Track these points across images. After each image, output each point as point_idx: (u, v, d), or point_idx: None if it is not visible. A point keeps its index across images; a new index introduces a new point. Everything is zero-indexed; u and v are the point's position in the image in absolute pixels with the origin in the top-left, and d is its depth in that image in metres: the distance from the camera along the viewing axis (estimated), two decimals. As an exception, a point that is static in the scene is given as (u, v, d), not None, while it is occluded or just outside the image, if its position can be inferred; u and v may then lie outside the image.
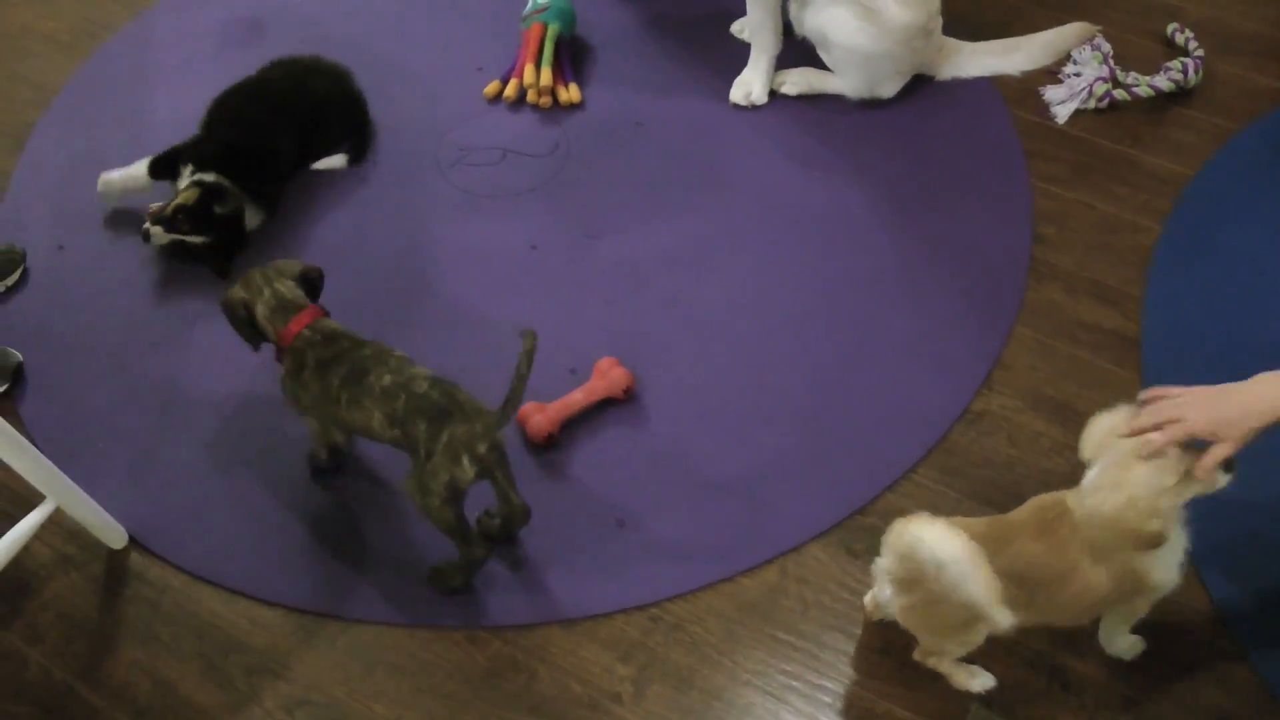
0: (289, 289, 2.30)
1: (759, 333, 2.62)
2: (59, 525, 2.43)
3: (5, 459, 2.13)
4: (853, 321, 2.62)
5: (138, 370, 2.69)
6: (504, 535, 2.32)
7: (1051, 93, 3.05)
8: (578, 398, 2.47)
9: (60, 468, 2.24)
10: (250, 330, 2.30)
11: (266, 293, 2.28)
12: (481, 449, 2.07)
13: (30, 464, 2.17)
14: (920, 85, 3.08)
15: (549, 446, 2.46)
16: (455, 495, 2.10)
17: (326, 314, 2.31)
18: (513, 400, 2.08)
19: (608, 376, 2.49)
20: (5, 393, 2.67)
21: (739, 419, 2.48)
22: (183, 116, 3.12)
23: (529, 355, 2.04)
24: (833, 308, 2.65)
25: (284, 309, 2.27)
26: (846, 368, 2.54)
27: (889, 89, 3.03)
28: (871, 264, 2.72)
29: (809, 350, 2.58)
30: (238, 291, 2.30)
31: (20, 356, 2.71)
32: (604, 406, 2.51)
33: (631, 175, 2.95)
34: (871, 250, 2.74)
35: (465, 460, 2.06)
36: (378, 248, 2.86)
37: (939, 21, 3.00)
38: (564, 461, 2.45)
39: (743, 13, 3.15)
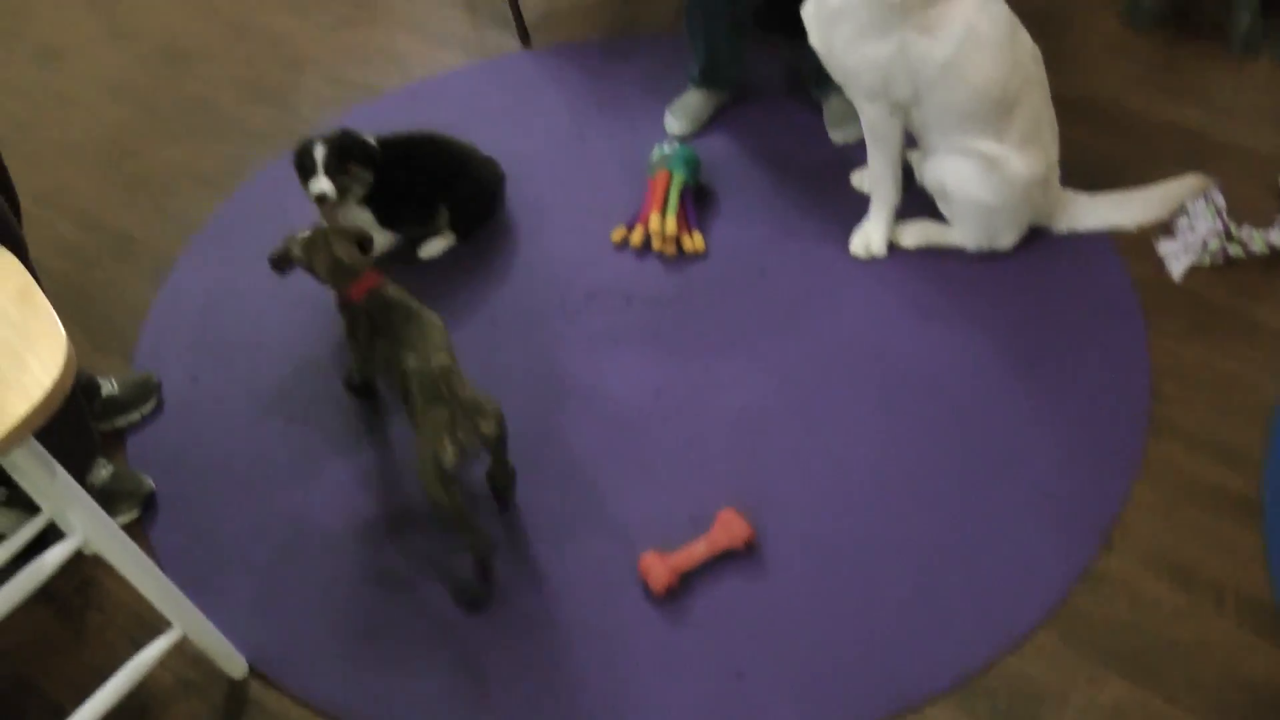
0: (348, 252, 2.54)
1: (877, 486, 2.57)
2: (182, 651, 2.44)
3: (135, 584, 2.14)
4: (970, 476, 2.56)
5: (266, 503, 2.70)
6: (499, 492, 2.58)
7: (1166, 246, 2.98)
8: (699, 549, 2.43)
9: (186, 594, 2.25)
10: (281, 269, 2.63)
11: (324, 254, 2.54)
12: (462, 434, 2.29)
13: (158, 590, 2.18)
14: (1037, 237, 3.04)
15: (670, 594, 2.42)
16: (443, 476, 2.28)
17: (385, 279, 2.58)
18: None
19: (729, 529, 2.45)
20: (137, 520, 2.70)
21: (857, 573, 2.42)
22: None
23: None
24: (950, 461, 2.59)
25: (344, 271, 2.54)
26: (964, 524, 2.48)
27: (1007, 241, 2.99)
28: (990, 418, 2.66)
29: (926, 504, 2.52)
30: (295, 249, 2.59)
31: (153, 484, 2.74)
32: (723, 557, 2.47)
33: (754, 323, 2.93)
34: (989, 404, 2.69)
35: (446, 441, 2.27)
36: (504, 390, 2.85)
37: (1057, 173, 2.98)
38: (683, 611, 2.40)
39: (863, 161, 3.15)
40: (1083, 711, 2.17)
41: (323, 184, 2.95)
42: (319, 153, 2.96)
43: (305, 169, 3.00)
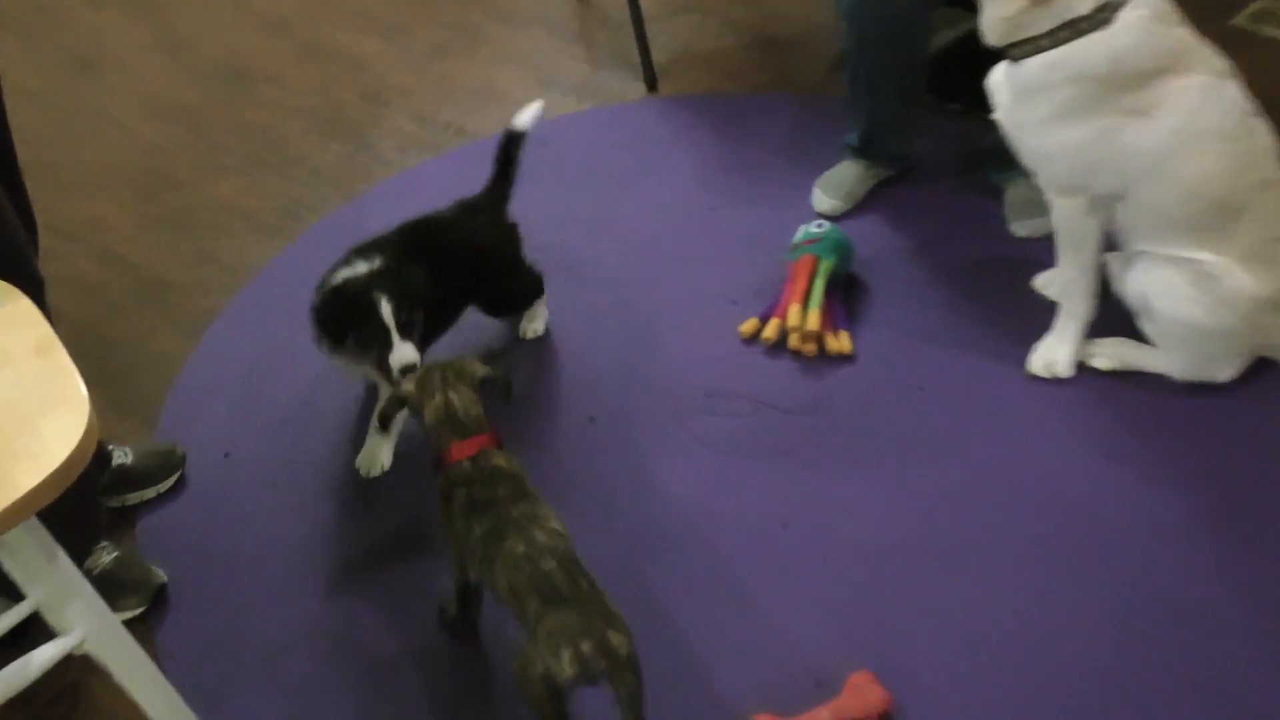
0: (466, 401, 2.47)
1: (1038, 656, 2.55)
2: None
3: (136, 697, 2.19)
4: (1146, 653, 2.54)
5: (302, 610, 2.76)
6: None
7: None
8: (823, 717, 2.42)
9: (198, 714, 2.31)
10: (391, 413, 2.62)
11: (439, 398, 2.47)
12: (586, 648, 2.11)
13: (165, 707, 2.22)
14: (1265, 370, 3.02)
15: None
16: (553, 693, 2.15)
17: (499, 442, 2.48)
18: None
19: (861, 695, 2.44)
20: (141, 617, 2.75)
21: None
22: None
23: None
24: (1129, 641, 2.57)
25: (453, 425, 2.45)
26: (1135, 710, 2.46)
27: (1225, 372, 2.98)
28: (1178, 588, 2.64)
29: (1094, 684, 2.51)
30: (409, 387, 2.51)
31: (164, 577, 2.80)
32: None
33: (904, 447, 2.97)
34: (1181, 572, 2.67)
35: (565, 656, 2.11)
36: (593, 508, 2.89)
37: (1292, 295, 2.96)
38: None
39: (1049, 262, 3.18)
40: None
41: (408, 353, 2.78)
42: (386, 310, 2.78)
43: (358, 326, 2.81)
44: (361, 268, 2.86)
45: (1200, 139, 2.73)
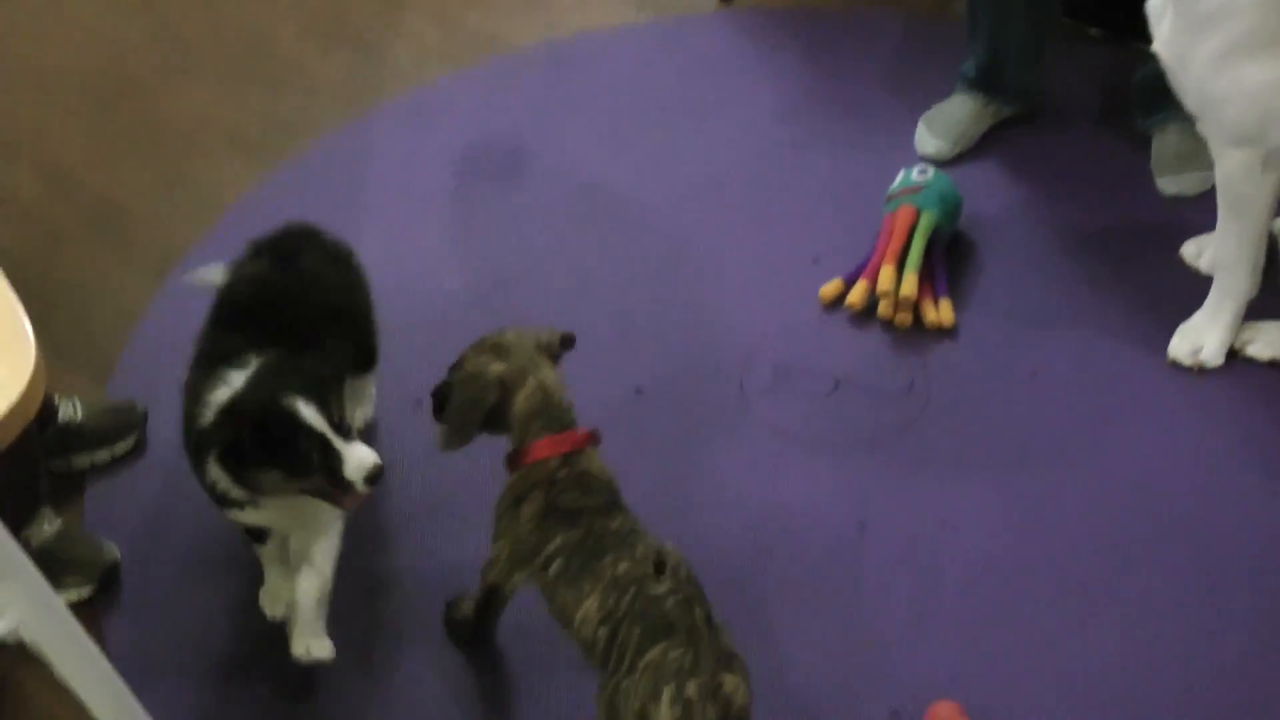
0: (556, 383, 2.41)
1: (1152, 708, 2.53)
2: None
3: (80, 693, 2.16)
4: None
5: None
6: None
7: None
8: None
9: (150, 714, 2.30)
10: (480, 422, 2.39)
11: (533, 381, 2.37)
12: (691, 689, 2.06)
13: (111, 707, 2.21)
14: None
15: None
16: None
17: (597, 440, 2.44)
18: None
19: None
20: (88, 599, 2.75)
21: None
22: (391, 263, 3.28)
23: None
24: (1258, 678, 2.56)
25: (549, 417, 2.38)
26: None
27: None
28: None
29: None
30: (497, 364, 2.37)
31: (117, 553, 2.81)
32: None
33: (1010, 443, 2.96)
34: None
35: (666, 695, 2.07)
36: (639, 487, 2.77)
37: None
38: None
39: (1203, 226, 3.17)
40: None
41: (365, 453, 2.40)
42: (311, 415, 2.37)
43: (281, 451, 2.40)
44: (238, 376, 2.48)
45: None
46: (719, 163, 3.60)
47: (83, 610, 2.68)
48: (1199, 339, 3.06)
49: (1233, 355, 3.06)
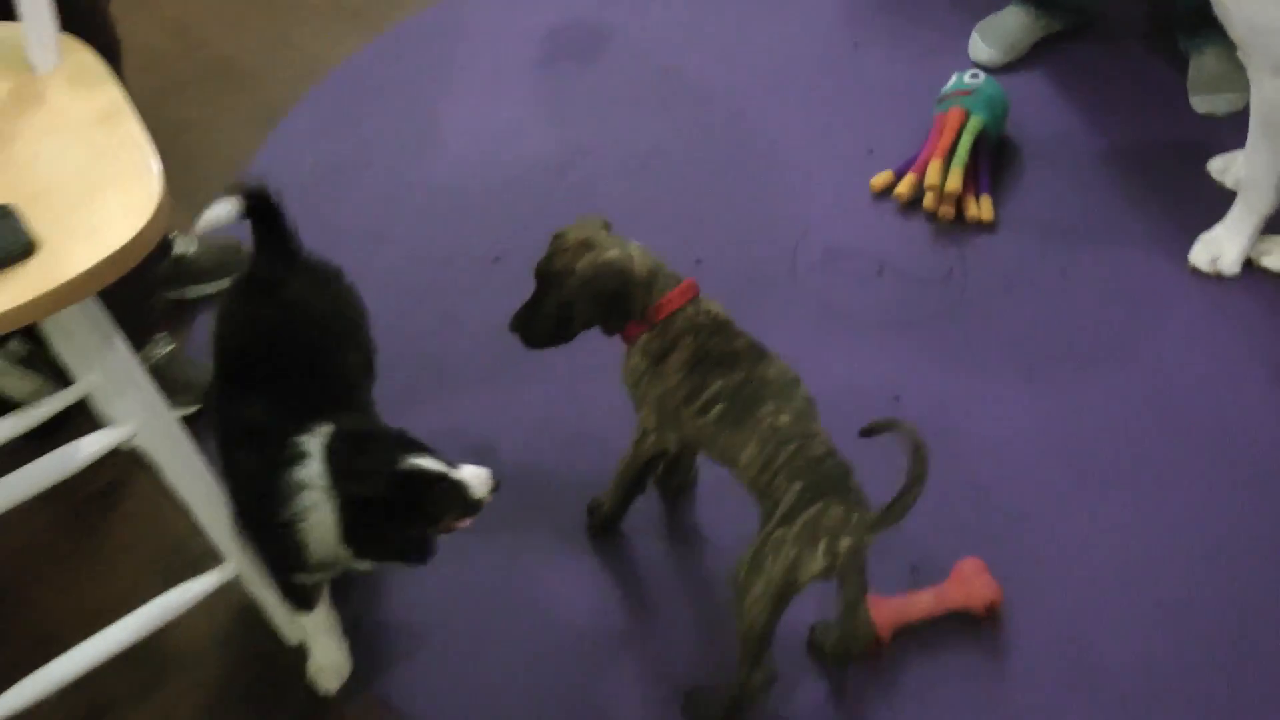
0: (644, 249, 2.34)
1: (1159, 581, 2.57)
2: (227, 597, 2.48)
3: (186, 498, 2.23)
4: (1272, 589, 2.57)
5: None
6: (837, 658, 2.38)
7: None
8: (925, 601, 2.47)
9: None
10: (615, 314, 2.33)
11: (632, 248, 2.32)
12: (844, 544, 2.10)
13: (213, 512, 2.27)
14: None
15: (873, 654, 2.45)
16: (786, 589, 2.14)
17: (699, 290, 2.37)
18: (902, 502, 2.08)
19: (968, 584, 2.48)
20: (193, 416, 2.81)
21: (1118, 689, 2.43)
22: (478, 134, 3.34)
23: (923, 457, 2.07)
24: (1273, 575, 2.59)
25: (663, 274, 2.32)
26: (1271, 664, 2.47)
27: None
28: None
29: (1227, 627, 2.51)
30: (614, 252, 2.30)
31: (219, 377, 2.85)
32: (953, 621, 2.49)
33: (1038, 334, 2.97)
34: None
35: (820, 549, 2.10)
36: None
37: None
38: (888, 681, 2.44)
39: (1231, 144, 3.16)
40: None
41: (477, 469, 2.20)
42: (429, 464, 2.15)
43: (422, 504, 2.17)
44: (312, 445, 2.18)
45: None
46: (786, 55, 3.60)
47: (190, 422, 2.69)
48: (1219, 249, 3.07)
49: (1248, 265, 3.07)
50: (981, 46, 3.58)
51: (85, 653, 2.21)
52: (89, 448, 2.13)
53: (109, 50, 2.37)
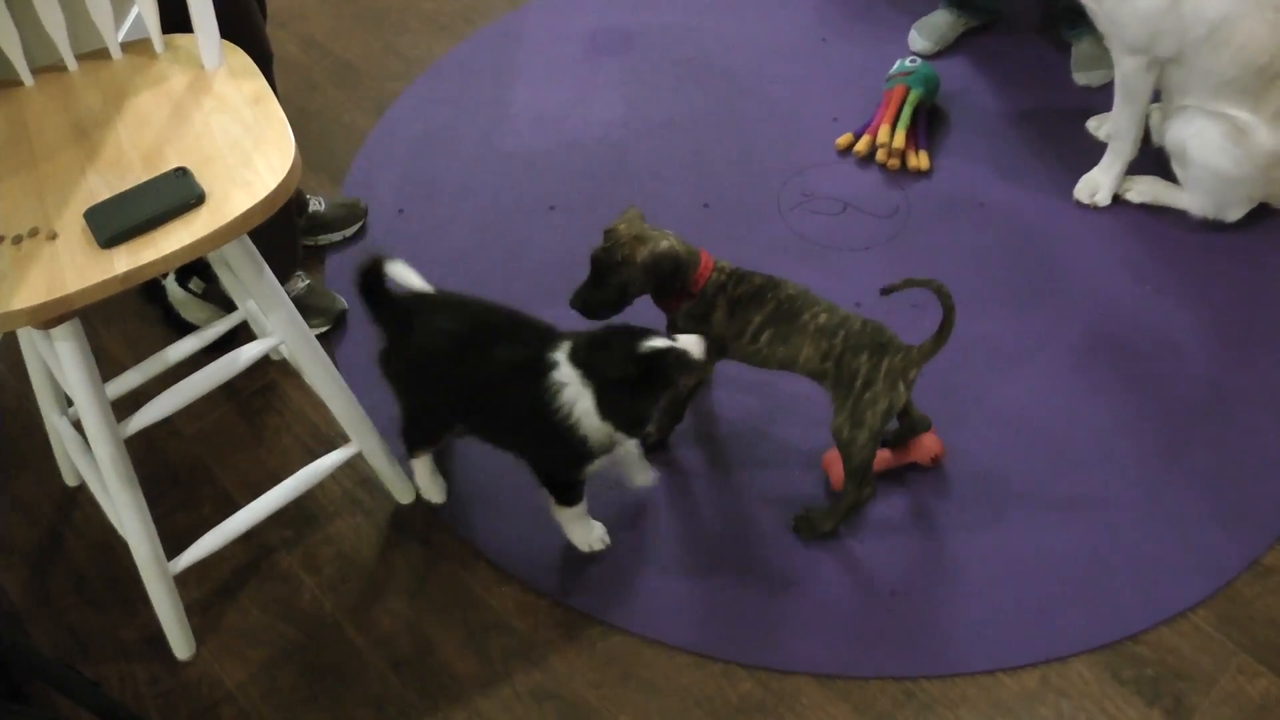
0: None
1: (1064, 438, 2.54)
2: (354, 468, 2.53)
3: (321, 393, 2.21)
4: (1155, 446, 2.53)
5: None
6: (901, 437, 2.45)
7: None
8: (885, 456, 2.45)
9: (366, 414, 2.32)
10: (667, 290, 2.28)
11: (674, 239, 2.26)
12: (912, 375, 2.19)
13: (342, 403, 2.25)
14: (1266, 216, 2.98)
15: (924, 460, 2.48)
16: (885, 425, 2.21)
17: None
18: (942, 335, 2.16)
19: (920, 441, 2.47)
20: (325, 335, 2.78)
21: (1027, 520, 2.41)
22: (538, 111, 3.29)
23: (948, 302, 2.12)
24: (1139, 427, 2.56)
25: (691, 251, 2.28)
26: (1140, 492, 2.45)
27: (1235, 213, 2.94)
28: (1184, 391, 2.62)
29: (1108, 466, 2.50)
30: (665, 243, 2.23)
31: (345, 304, 2.82)
32: (904, 471, 2.49)
33: (965, 253, 2.93)
34: (1187, 377, 2.65)
35: (901, 386, 2.18)
36: None
37: (1301, 154, 2.91)
38: (875, 514, 2.44)
39: (1103, 107, 3.13)
40: (1229, 698, 2.15)
41: (688, 337, 2.11)
42: (658, 341, 2.08)
43: (666, 374, 2.10)
44: (561, 354, 2.13)
45: (1259, 9, 2.64)
46: (771, 48, 3.53)
47: (322, 341, 2.71)
48: (1095, 186, 3.05)
49: (1116, 199, 3.06)
50: (918, 39, 3.51)
51: (252, 511, 2.23)
52: (248, 353, 2.18)
53: (263, 58, 2.36)
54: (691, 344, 2.08)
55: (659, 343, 2.05)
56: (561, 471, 2.24)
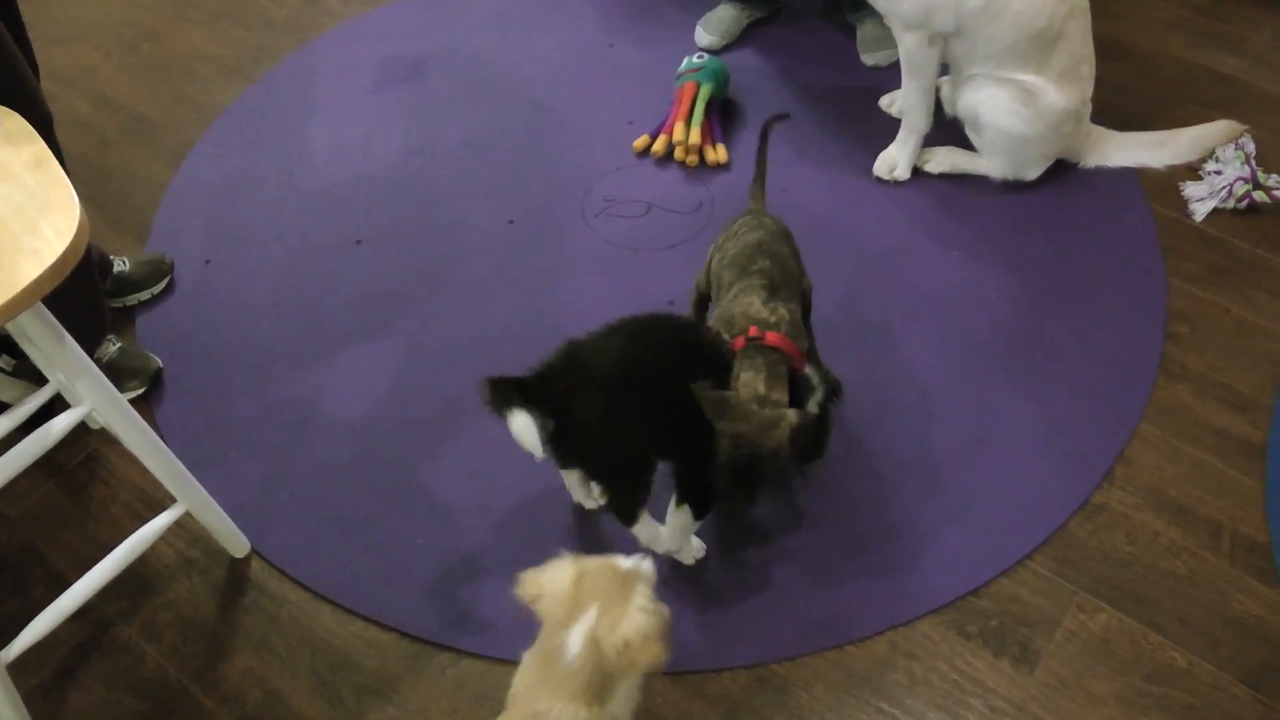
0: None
1: (883, 406, 2.60)
2: (185, 528, 2.50)
3: (140, 457, 2.18)
4: (979, 402, 2.61)
5: (275, 388, 2.75)
6: None
7: (1191, 189, 3.03)
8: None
9: (192, 475, 2.29)
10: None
11: (760, 375, 2.16)
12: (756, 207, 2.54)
13: (163, 465, 2.22)
14: (1063, 171, 3.08)
15: None
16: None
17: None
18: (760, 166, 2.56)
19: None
20: (143, 396, 2.75)
21: (857, 489, 2.47)
22: (336, 146, 3.28)
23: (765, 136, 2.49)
24: (959, 386, 2.64)
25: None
26: (968, 448, 2.53)
27: (1033, 172, 3.03)
28: (1002, 347, 2.71)
29: (935, 423, 2.57)
30: (781, 406, 2.13)
31: (160, 363, 2.79)
32: None
33: None
34: (1003, 333, 2.73)
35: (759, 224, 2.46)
36: (517, 289, 2.90)
37: (1089, 108, 3.01)
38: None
39: (893, 85, 3.20)
40: (1072, 636, 2.24)
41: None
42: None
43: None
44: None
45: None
46: (560, 59, 3.55)
47: (139, 404, 2.71)
48: (893, 161, 3.11)
49: (916, 171, 3.13)
50: (704, 35, 3.55)
51: (82, 586, 2.20)
52: (60, 424, 2.15)
53: (41, 121, 2.32)
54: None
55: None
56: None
